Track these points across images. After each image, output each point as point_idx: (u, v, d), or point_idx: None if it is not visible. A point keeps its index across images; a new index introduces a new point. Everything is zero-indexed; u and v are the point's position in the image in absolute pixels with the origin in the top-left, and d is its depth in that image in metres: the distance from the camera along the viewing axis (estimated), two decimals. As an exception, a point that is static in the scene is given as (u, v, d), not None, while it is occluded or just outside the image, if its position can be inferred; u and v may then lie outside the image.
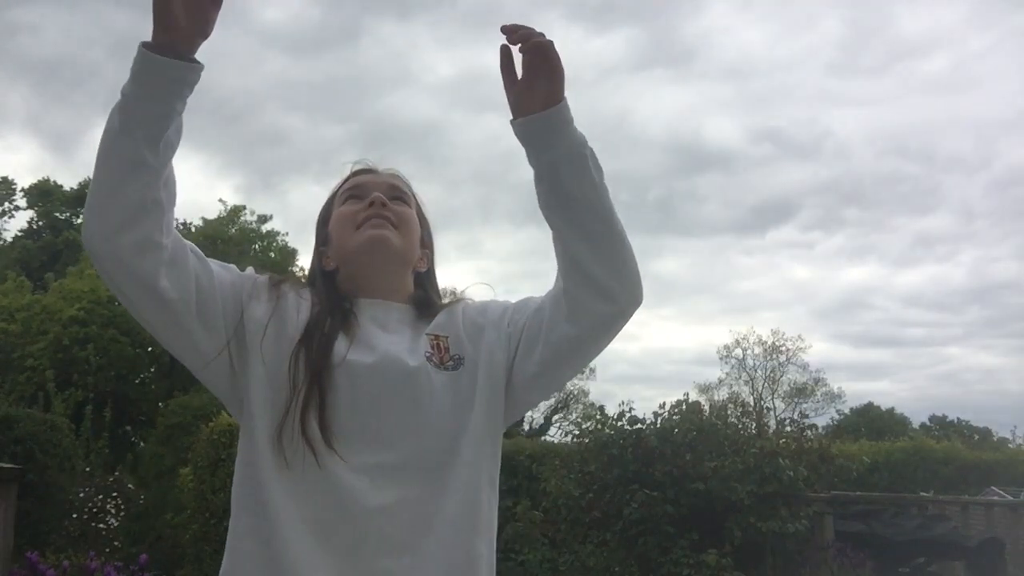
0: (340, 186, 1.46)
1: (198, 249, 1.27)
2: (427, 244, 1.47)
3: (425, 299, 1.39)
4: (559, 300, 1.27)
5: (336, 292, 1.35)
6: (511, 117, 1.24)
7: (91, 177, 1.17)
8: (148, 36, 1.13)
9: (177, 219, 1.26)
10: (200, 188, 36.81)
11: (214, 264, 1.28)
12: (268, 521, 1.17)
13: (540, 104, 1.20)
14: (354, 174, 1.46)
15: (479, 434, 1.25)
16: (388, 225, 1.35)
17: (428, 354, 1.28)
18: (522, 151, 1.27)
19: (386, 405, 1.22)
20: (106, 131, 1.15)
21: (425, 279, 1.45)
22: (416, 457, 1.21)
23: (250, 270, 1.34)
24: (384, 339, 1.28)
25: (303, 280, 1.43)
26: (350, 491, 1.17)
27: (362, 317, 1.30)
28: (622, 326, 1.29)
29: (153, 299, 1.18)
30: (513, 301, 1.40)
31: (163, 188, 1.16)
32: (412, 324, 1.33)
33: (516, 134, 1.24)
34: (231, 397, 1.28)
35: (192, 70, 1.15)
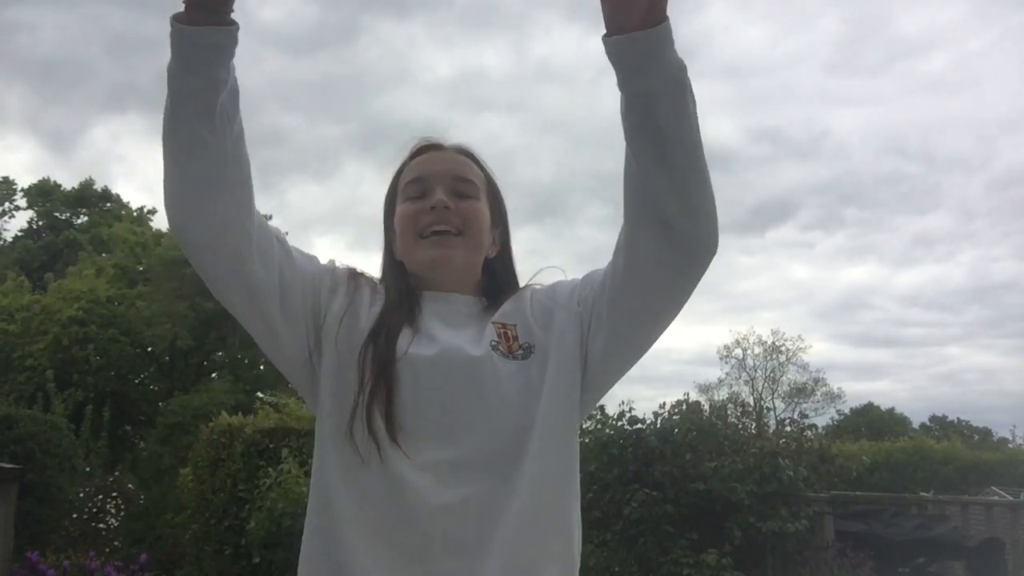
0: (403, 167, 1.38)
1: (283, 236, 1.24)
2: (499, 223, 1.39)
3: (493, 288, 1.34)
4: (626, 261, 1.16)
5: (405, 284, 1.31)
6: (603, 32, 1.06)
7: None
8: (145, 37, 1.12)
9: None
10: (200, 188, 36.82)
11: (296, 253, 1.25)
12: (332, 521, 1.15)
13: (639, 19, 1.02)
14: (417, 151, 1.39)
15: (549, 425, 1.18)
16: (450, 237, 1.29)
17: (494, 343, 1.22)
18: (520, 152, 1.23)
19: (450, 398, 1.18)
20: (163, 116, 1.11)
21: (496, 264, 1.38)
22: (483, 452, 1.16)
23: (331, 261, 1.32)
24: (446, 332, 1.23)
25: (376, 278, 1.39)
26: (414, 489, 1.13)
27: (426, 311, 1.26)
28: (697, 279, 1.16)
29: (239, 284, 1.16)
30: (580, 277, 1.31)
31: (231, 165, 1.12)
32: (478, 316, 1.28)
33: (608, 53, 1.06)
34: (310, 394, 1.26)
35: (223, 33, 1.07)
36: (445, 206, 1.30)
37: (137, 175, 38.04)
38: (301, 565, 1.19)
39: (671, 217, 1.09)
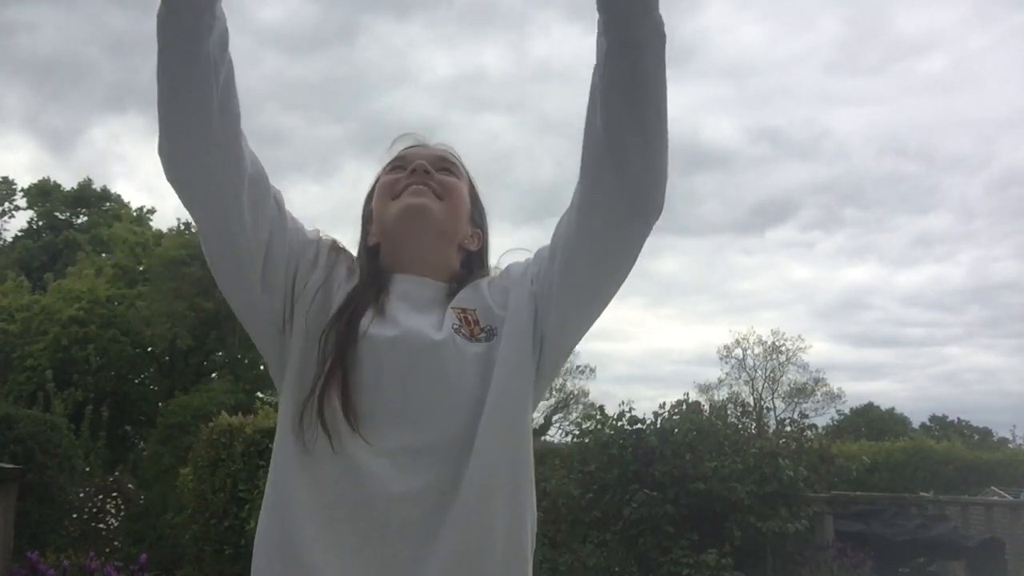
0: (385, 161, 1.38)
1: (281, 199, 1.22)
2: (479, 224, 1.37)
3: (463, 278, 1.30)
4: (578, 218, 1.17)
5: (376, 268, 1.28)
6: None
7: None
8: (145, 36, 1.12)
9: (179, 219, 1.25)
10: (200, 188, 36.84)
11: (290, 219, 1.23)
12: (286, 501, 1.14)
13: None
14: (403, 144, 1.38)
15: (501, 405, 1.15)
16: (429, 193, 1.27)
17: (456, 327, 1.19)
18: (520, 152, 1.22)
19: (411, 382, 1.15)
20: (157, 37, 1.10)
21: (474, 260, 1.35)
22: (443, 438, 1.13)
23: (316, 231, 1.28)
24: (410, 316, 1.20)
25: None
26: (371, 476, 1.11)
27: (393, 293, 1.24)
28: (643, 240, 1.17)
29: (225, 238, 1.15)
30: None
31: (218, 115, 1.10)
32: (443, 303, 1.24)
33: (603, 3, 1.09)
34: (278, 368, 1.23)
35: None
36: (425, 169, 1.29)
37: (137, 175, 38.08)
38: (256, 542, 1.18)
39: (633, 174, 1.12)
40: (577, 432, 9.64)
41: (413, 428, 1.14)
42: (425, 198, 1.27)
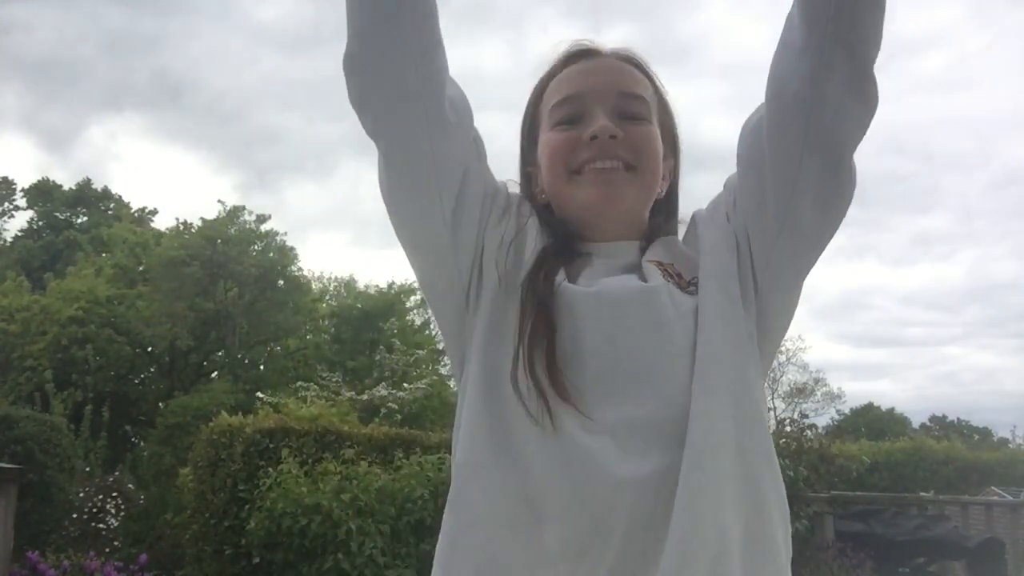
0: (547, 80, 1.12)
1: (483, 141, 1.04)
2: (671, 152, 1.14)
3: (654, 230, 1.10)
4: (779, 128, 0.95)
5: (562, 231, 1.06)
6: None
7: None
8: (141, 34, 1.05)
9: (177, 219, 1.20)
10: (196, 187, 36.88)
11: (487, 165, 1.05)
12: (481, 497, 0.93)
13: None
14: (569, 58, 1.11)
15: (714, 360, 0.93)
16: (620, 169, 1.03)
17: (662, 275, 1.00)
18: (518, 152, 1.13)
19: (625, 341, 0.94)
20: None
21: (664, 206, 1.13)
22: (666, 409, 0.91)
23: (506, 183, 1.09)
24: (609, 273, 1.02)
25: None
26: (590, 457, 0.89)
27: (582, 255, 1.05)
28: (860, 138, 0.96)
29: (419, 160, 0.96)
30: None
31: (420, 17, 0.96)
32: (639, 260, 1.05)
33: None
34: (456, 342, 1.04)
35: None
36: (611, 135, 1.03)
37: (134, 174, 38.08)
38: (442, 552, 0.96)
39: (867, 61, 0.92)
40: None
41: (631, 397, 0.92)
42: (616, 184, 1.03)
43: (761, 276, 1.00)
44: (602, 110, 1.05)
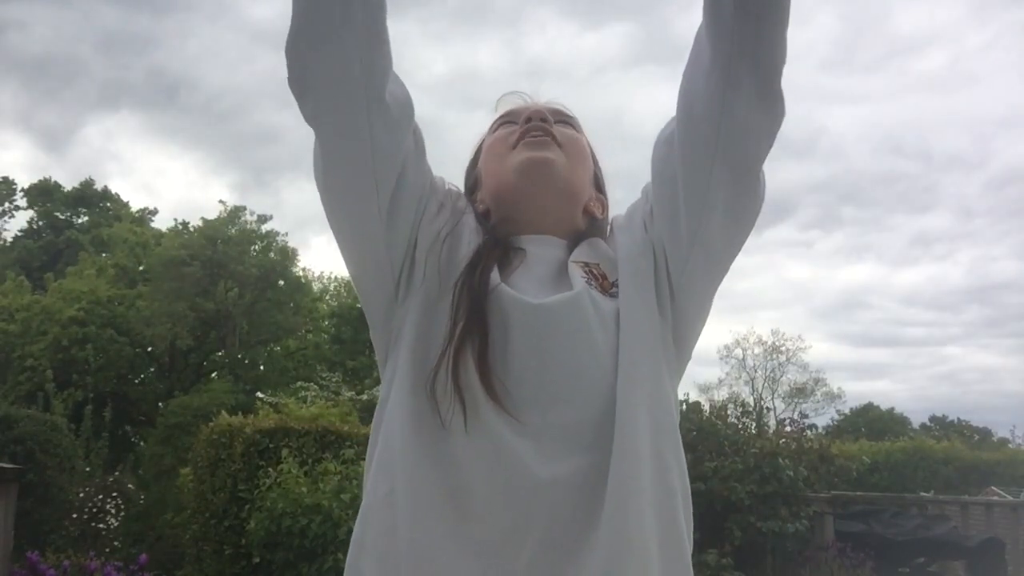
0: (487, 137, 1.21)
1: (422, 136, 1.07)
2: (601, 189, 1.20)
3: (583, 236, 1.13)
4: (691, 140, 0.98)
5: (494, 232, 1.11)
6: None
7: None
8: (137, 32, 1.04)
9: (176, 219, 1.20)
10: (194, 187, 36.88)
11: (426, 161, 1.07)
12: (405, 493, 0.95)
13: None
14: (502, 103, 1.22)
15: (633, 365, 0.97)
16: (551, 144, 1.10)
17: (585, 279, 1.03)
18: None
19: (550, 346, 0.97)
20: None
21: (600, 228, 1.16)
22: (590, 413, 0.95)
23: (443, 178, 1.12)
24: (535, 273, 1.06)
25: None
26: (514, 458, 0.92)
27: (516, 253, 1.09)
28: (768, 149, 1.00)
29: (356, 147, 0.97)
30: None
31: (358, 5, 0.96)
32: (566, 260, 1.08)
33: None
34: (384, 333, 1.05)
35: None
36: (543, 118, 1.11)
37: (132, 173, 38.07)
38: (358, 544, 0.98)
39: (769, 78, 0.97)
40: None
41: (557, 400, 0.95)
42: (547, 150, 1.10)
43: (676, 283, 1.04)
44: (537, 109, 1.14)
